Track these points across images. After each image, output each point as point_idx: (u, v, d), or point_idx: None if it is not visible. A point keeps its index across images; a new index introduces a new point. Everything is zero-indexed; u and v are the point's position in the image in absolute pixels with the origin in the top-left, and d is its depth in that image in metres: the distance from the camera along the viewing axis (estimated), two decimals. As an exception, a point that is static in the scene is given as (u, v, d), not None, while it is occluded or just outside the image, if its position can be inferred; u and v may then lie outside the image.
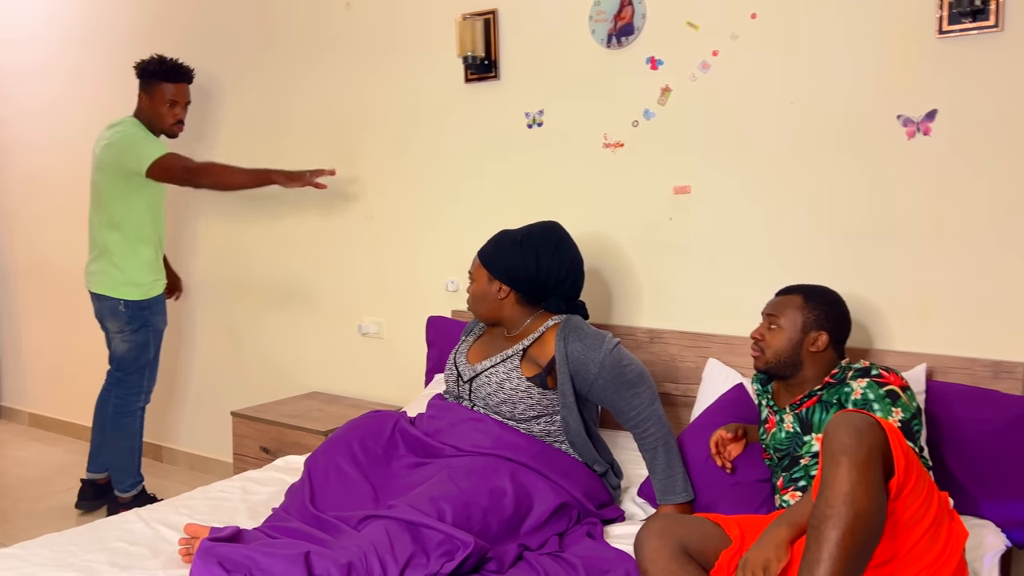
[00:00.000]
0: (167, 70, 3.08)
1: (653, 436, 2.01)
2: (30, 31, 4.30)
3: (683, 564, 1.55)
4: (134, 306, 3.10)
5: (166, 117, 3.10)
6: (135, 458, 3.25)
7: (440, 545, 1.66)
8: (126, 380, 3.20)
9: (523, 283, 2.09)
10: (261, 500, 2.10)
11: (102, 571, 1.66)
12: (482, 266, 2.14)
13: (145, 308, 3.13)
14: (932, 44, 2.12)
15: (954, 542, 1.49)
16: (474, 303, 2.17)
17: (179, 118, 3.14)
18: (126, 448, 3.22)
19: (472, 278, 2.17)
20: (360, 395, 3.33)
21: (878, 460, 1.38)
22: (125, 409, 3.21)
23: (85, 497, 3.34)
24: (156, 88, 3.08)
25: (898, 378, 1.72)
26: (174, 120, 3.12)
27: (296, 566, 1.50)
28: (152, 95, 3.09)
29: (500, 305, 2.13)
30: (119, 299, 3.08)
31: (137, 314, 3.11)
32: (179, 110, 3.13)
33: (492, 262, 2.12)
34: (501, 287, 2.11)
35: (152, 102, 3.09)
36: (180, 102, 3.13)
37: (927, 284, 2.18)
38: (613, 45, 2.60)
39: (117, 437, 3.22)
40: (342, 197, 3.31)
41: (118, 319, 3.11)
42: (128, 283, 3.09)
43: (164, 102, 3.08)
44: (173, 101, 3.10)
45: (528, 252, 2.09)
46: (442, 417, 2.09)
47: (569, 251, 2.14)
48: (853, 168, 2.25)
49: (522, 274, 2.08)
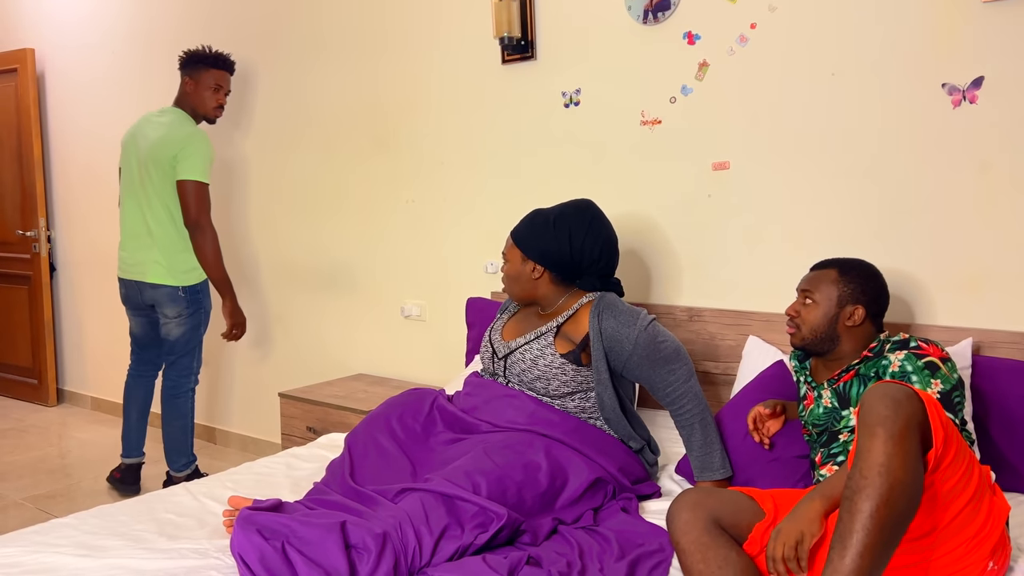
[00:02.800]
0: (213, 58, 3.26)
1: (690, 412, 2.00)
2: (98, 37, 4.44)
3: (715, 537, 1.54)
4: (191, 291, 3.24)
5: (209, 101, 3.28)
6: (188, 438, 3.37)
7: (474, 517, 1.68)
8: (179, 363, 3.31)
9: (556, 262, 2.09)
10: (304, 475, 2.15)
11: (151, 540, 1.73)
12: (515, 246, 2.14)
13: (199, 291, 3.28)
14: (978, 9, 2.05)
15: (995, 516, 1.46)
16: (508, 283, 2.18)
17: (221, 103, 3.32)
18: (179, 428, 3.33)
19: (506, 258, 2.17)
20: (403, 376, 3.38)
21: (915, 432, 1.36)
22: (178, 391, 3.33)
23: (127, 482, 3.45)
24: (203, 74, 3.25)
25: (938, 349, 1.68)
26: (216, 104, 3.30)
27: (332, 534, 1.54)
28: (198, 81, 3.26)
29: (534, 285, 2.13)
30: (178, 286, 3.22)
31: (194, 298, 3.26)
32: (221, 96, 3.31)
33: (525, 242, 2.12)
34: (535, 267, 2.11)
35: (197, 87, 3.26)
36: (223, 88, 3.31)
37: (974, 257, 2.12)
38: (649, 21, 2.58)
39: (172, 418, 3.33)
40: (384, 181, 3.35)
41: (177, 305, 3.23)
42: (188, 270, 3.23)
43: (209, 87, 3.27)
44: (217, 86, 3.29)
45: (561, 231, 2.09)
46: (478, 394, 2.11)
47: (603, 229, 2.13)
48: (896, 139, 2.20)
49: (555, 253, 2.08)
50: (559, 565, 1.61)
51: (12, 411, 4.74)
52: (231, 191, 3.89)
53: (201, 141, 3.15)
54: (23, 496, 3.42)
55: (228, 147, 3.88)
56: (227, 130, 3.86)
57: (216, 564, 1.62)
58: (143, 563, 1.61)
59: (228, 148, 3.89)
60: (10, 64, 4.71)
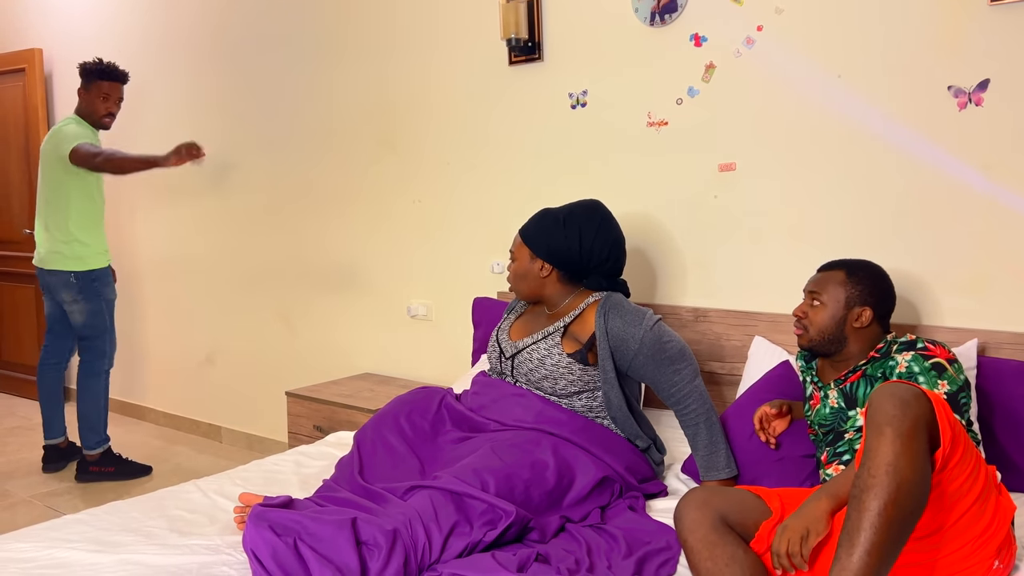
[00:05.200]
0: (99, 70, 3.49)
1: (695, 412, 2.01)
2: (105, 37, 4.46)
3: (723, 535, 1.55)
4: (83, 276, 3.46)
5: (99, 110, 3.50)
6: (102, 417, 3.58)
7: (483, 514, 1.69)
8: (91, 346, 3.53)
9: (565, 261, 2.11)
10: (313, 473, 2.17)
11: (163, 536, 1.74)
12: (524, 244, 2.16)
13: (95, 279, 3.49)
14: (983, 11, 2.06)
15: (1001, 515, 1.47)
16: (516, 281, 2.19)
17: (110, 111, 3.53)
18: (92, 408, 3.54)
19: (514, 256, 2.19)
20: (410, 375, 3.39)
21: (923, 431, 1.37)
22: (91, 371, 3.55)
23: (50, 460, 3.68)
24: (92, 85, 3.49)
25: (945, 351, 1.69)
26: (105, 112, 3.51)
27: (343, 531, 1.56)
28: (88, 91, 3.49)
29: (542, 283, 2.15)
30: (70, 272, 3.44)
31: (88, 285, 3.47)
32: (111, 104, 3.52)
33: (534, 240, 2.14)
34: (543, 265, 2.13)
35: (87, 96, 3.49)
36: (112, 97, 3.52)
37: (979, 259, 2.13)
38: (656, 23, 2.59)
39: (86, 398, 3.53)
40: (391, 181, 3.37)
41: (70, 290, 3.46)
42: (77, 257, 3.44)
43: (98, 96, 3.49)
44: (106, 96, 3.50)
45: (571, 231, 2.10)
46: (486, 393, 2.12)
47: (612, 230, 2.15)
48: (902, 141, 2.21)
49: (564, 252, 2.10)
50: (568, 562, 1.62)
51: (19, 409, 4.76)
52: (239, 191, 3.91)
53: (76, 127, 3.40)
54: (31, 494, 3.44)
55: (237, 147, 3.90)
56: (235, 129, 3.88)
57: (228, 560, 1.64)
58: (156, 558, 1.63)
59: (237, 148, 3.90)
60: (18, 64, 4.73)
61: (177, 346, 4.34)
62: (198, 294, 4.20)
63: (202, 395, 4.24)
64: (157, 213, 4.33)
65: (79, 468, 3.57)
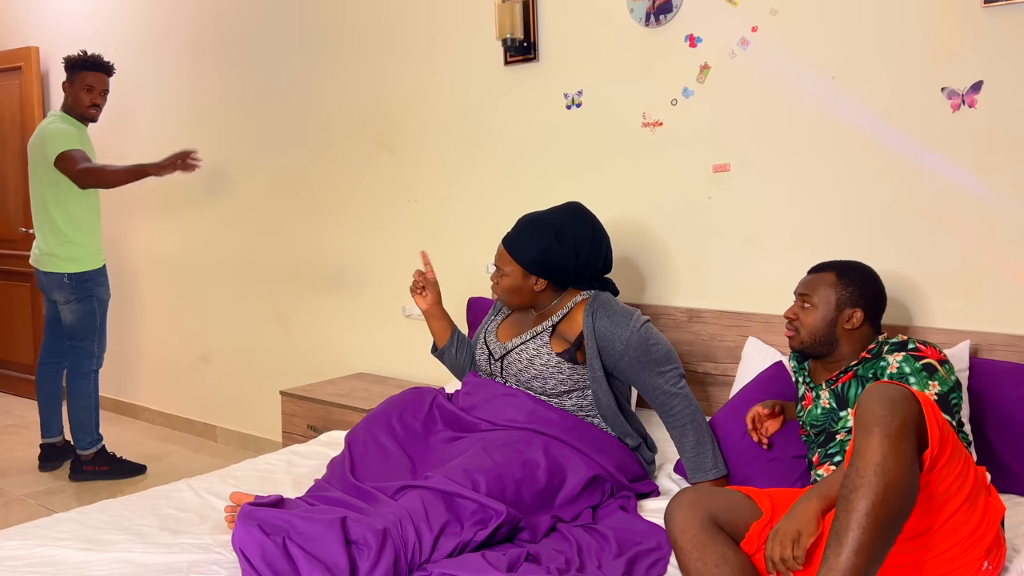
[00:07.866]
0: (82, 61, 3.46)
1: (680, 414, 2.01)
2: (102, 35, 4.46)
3: (713, 535, 1.55)
4: (77, 278, 3.46)
5: (83, 101, 3.45)
6: (93, 418, 3.57)
7: (474, 514, 1.69)
8: (79, 347, 3.52)
9: (561, 276, 2.08)
10: (305, 472, 2.16)
11: (153, 535, 1.74)
12: (514, 261, 2.09)
13: (87, 280, 3.48)
14: (977, 13, 2.07)
15: (991, 516, 1.47)
16: (507, 296, 2.12)
17: (95, 103, 3.48)
18: (83, 408, 3.53)
19: (502, 271, 2.11)
20: (404, 375, 3.39)
21: (911, 432, 1.37)
22: (80, 372, 3.54)
23: (47, 459, 3.70)
24: (76, 76, 3.45)
25: (935, 352, 1.69)
26: (90, 104, 3.46)
27: (332, 530, 1.55)
28: (72, 83, 3.46)
29: (535, 295, 2.12)
30: (63, 273, 3.43)
31: (81, 286, 3.46)
32: (96, 96, 3.48)
33: (527, 258, 2.06)
34: (538, 280, 2.09)
35: (72, 88, 3.46)
36: (96, 88, 3.48)
37: (972, 260, 2.13)
38: (651, 23, 2.60)
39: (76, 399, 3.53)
40: (387, 181, 3.37)
41: (63, 291, 3.45)
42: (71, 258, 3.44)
43: (82, 88, 3.45)
44: (90, 87, 3.45)
45: (566, 246, 2.06)
46: (477, 393, 2.12)
47: (603, 236, 2.13)
48: (896, 142, 2.21)
49: (562, 269, 2.07)
50: (558, 562, 1.62)
51: (14, 407, 4.76)
52: (234, 190, 3.91)
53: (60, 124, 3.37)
54: (25, 492, 3.43)
55: (232, 146, 3.90)
56: (231, 129, 3.88)
57: (218, 559, 1.64)
58: (145, 557, 1.63)
59: (232, 147, 3.90)
60: (14, 62, 4.72)
61: (172, 345, 4.34)
62: (193, 293, 4.20)
63: (197, 394, 4.24)
64: (152, 212, 4.33)
65: (73, 467, 3.58)
